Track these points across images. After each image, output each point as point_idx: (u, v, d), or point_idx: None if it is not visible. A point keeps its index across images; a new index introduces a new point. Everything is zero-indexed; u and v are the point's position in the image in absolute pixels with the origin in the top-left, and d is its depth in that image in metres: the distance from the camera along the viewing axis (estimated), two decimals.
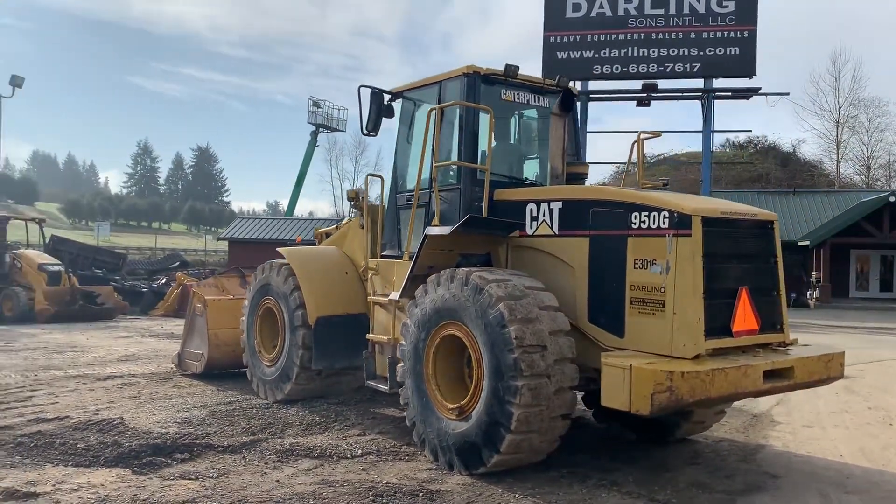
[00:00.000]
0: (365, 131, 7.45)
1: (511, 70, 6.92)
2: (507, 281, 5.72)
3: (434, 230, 6.35)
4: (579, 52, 28.14)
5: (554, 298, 5.76)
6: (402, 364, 6.44)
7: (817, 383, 5.79)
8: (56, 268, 20.54)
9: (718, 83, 28.29)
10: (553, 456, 5.96)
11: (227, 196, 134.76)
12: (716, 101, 28.74)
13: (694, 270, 5.21)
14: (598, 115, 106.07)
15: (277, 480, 5.51)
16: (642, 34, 27.77)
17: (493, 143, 6.86)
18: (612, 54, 27.96)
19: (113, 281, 23.97)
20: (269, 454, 6.20)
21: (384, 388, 6.96)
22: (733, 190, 40.36)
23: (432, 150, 6.75)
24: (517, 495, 5.27)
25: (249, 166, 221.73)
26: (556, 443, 5.69)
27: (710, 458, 6.52)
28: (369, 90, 7.40)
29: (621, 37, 27.88)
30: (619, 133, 36.54)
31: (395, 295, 6.85)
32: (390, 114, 7.70)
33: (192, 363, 10.02)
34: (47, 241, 25.36)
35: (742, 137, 56.70)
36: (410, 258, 6.74)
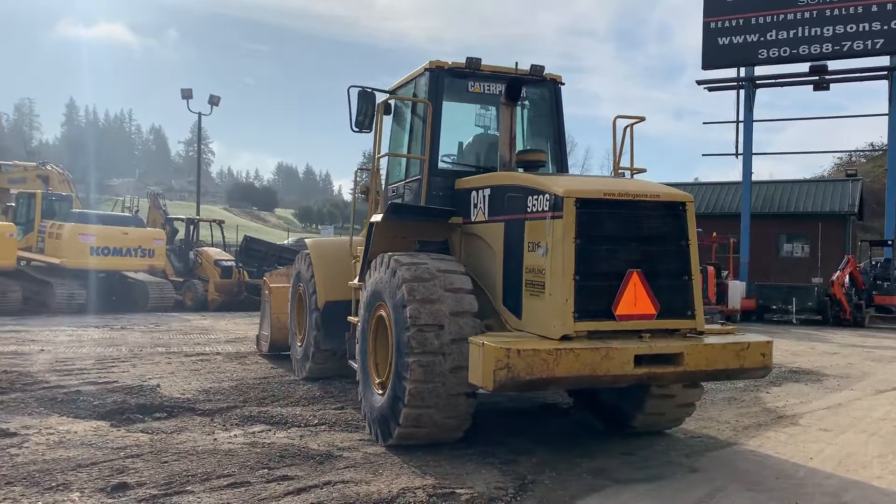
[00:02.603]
0: (355, 128, 7.98)
1: (473, 63, 7.17)
2: (421, 265, 5.99)
3: (375, 218, 6.78)
4: (742, 37, 26.33)
5: (468, 281, 5.93)
6: (358, 343, 6.92)
7: (728, 374, 5.44)
8: (229, 263, 23.32)
9: None
10: (486, 437, 6.19)
11: None
12: None
13: (564, 252, 5.18)
14: (773, 100, 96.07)
15: (215, 439, 6.22)
16: (814, 12, 25.39)
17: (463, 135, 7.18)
18: (779, 36, 25.85)
19: None
20: (234, 419, 6.95)
21: (356, 366, 7.45)
22: None
23: (377, 142, 7.18)
24: (405, 465, 5.53)
25: None
26: (467, 420, 5.84)
27: (655, 450, 6.26)
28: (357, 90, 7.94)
29: (790, 17, 25.70)
30: (790, 120, 33.36)
31: (357, 279, 7.35)
32: (388, 111, 8.18)
33: (263, 344, 11.18)
34: (240, 241, 28.59)
35: None
36: None
